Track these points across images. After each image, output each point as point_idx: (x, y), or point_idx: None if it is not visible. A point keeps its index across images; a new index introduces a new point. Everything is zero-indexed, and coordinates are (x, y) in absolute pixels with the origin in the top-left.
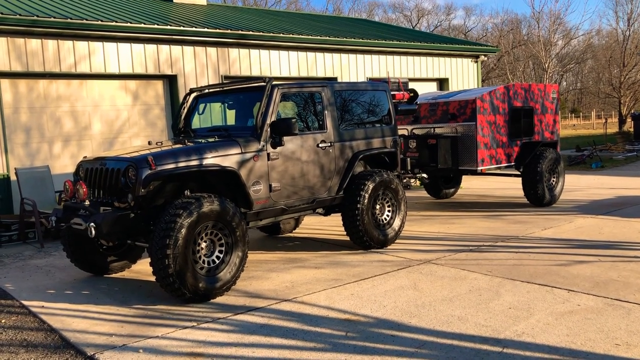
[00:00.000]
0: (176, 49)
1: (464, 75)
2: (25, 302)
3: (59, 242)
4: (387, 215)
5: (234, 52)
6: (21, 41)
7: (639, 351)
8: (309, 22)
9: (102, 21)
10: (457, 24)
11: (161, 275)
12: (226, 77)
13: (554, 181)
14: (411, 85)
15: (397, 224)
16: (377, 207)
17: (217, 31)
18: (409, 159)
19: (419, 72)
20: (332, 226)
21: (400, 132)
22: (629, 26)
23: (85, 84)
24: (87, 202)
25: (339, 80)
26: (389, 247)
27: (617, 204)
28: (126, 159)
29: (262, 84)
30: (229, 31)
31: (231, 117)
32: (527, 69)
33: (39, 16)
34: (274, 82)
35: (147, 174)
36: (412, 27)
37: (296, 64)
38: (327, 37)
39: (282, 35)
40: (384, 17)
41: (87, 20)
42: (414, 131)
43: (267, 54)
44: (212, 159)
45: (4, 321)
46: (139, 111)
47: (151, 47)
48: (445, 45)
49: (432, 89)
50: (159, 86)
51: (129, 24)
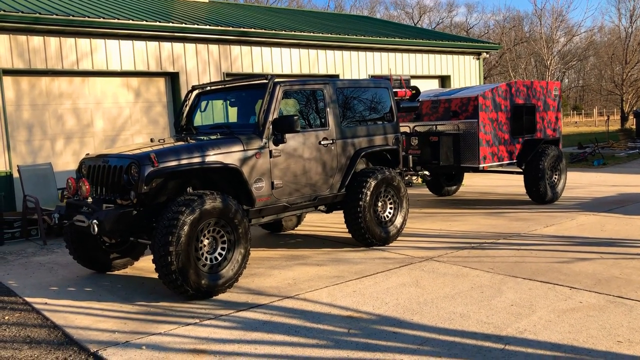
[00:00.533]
0: (178, 46)
1: (465, 72)
2: (28, 299)
3: (61, 239)
4: (389, 212)
5: (236, 49)
6: (23, 38)
7: None
8: (311, 19)
9: (104, 18)
10: (459, 21)
11: (164, 272)
12: (228, 75)
13: (555, 178)
14: (413, 82)
15: (399, 221)
16: (379, 204)
17: (219, 28)
18: (410, 156)
19: (421, 69)
20: (334, 223)
21: (402, 129)
22: (631, 23)
23: (87, 81)
24: (89, 200)
25: (341, 77)
26: (390, 245)
27: (619, 202)
28: (129, 156)
29: (264, 81)
30: (231, 28)
31: (233, 114)
32: (529, 66)
33: (41, 13)
34: (276, 80)
35: (149, 171)
36: (413, 24)
37: (298, 62)
38: (329, 35)
39: (283, 32)
40: (385, 14)
41: (89, 17)
42: (416, 128)
43: (269, 51)
44: (214, 156)
45: (7, 318)
46: (141, 108)
47: (153, 45)
48: (447, 42)
49: (434, 86)
50: (161, 83)
51: (131, 22)
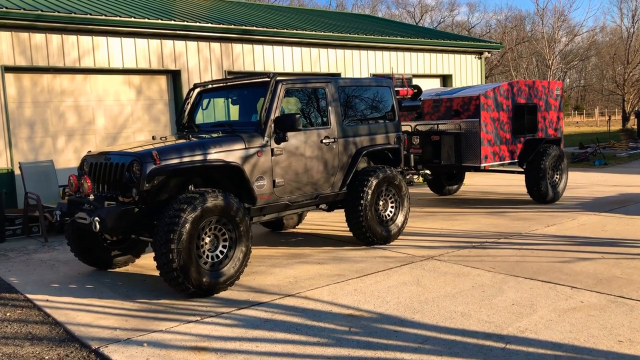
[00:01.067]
0: (180, 44)
1: (467, 71)
2: (29, 296)
3: (63, 236)
4: (390, 211)
5: (238, 47)
6: (25, 35)
7: None
8: (313, 17)
9: (106, 16)
10: (460, 20)
11: (165, 269)
12: (230, 73)
13: (557, 178)
14: (415, 81)
15: (400, 220)
16: (381, 203)
17: (221, 26)
18: (412, 155)
19: (423, 68)
20: (335, 222)
21: (403, 128)
22: (633, 23)
23: (89, 78)
24: (91, 197)
25: (343, 76)
26: (392, 243)
27: (621, 202)
28: (130, 153)
29: (266, 79)
30: (233, 26)
31: (235, 112)
32: (530, 66)
33: (43, 10)
34: (278, 78)
35: (151, 168)
36: (415, 24)
37: (300, 60)
38: (331, 33)
39: (285, 30)
40: (387, 13)
41: (91, 15)
42: (417, 127)
43: (270, 50)
44: (216, 154)
45: (9, 314)
46: (142, 106)
47: (155, 42)
48: (448, 41)
49: (435, 85)
50: (162, 81)
51: (133, 19)
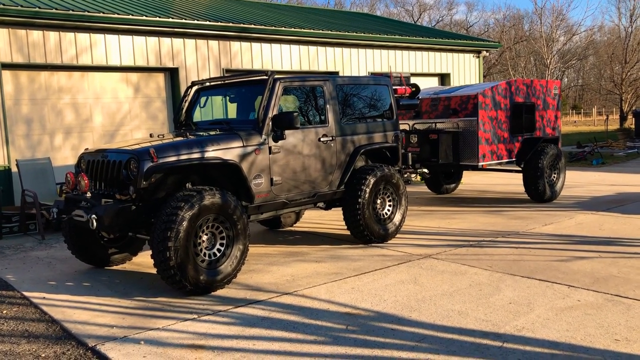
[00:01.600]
0: (178, 42)
1: (465, 70)
2: (26, 293)
3: (59, 234)
4: (388, 209)
5: (236, 45)
6: (23, 32)
7: (638, 347)
8: (311, 15)
9: (103, 13)
10: (458, 19)
11: (162, 267)
12: (228, 71)
13: (554, 177)
14: (413, 80)
15: (397, 218)
16: (378, 201)
17: (219, 24)
18: (410, 154)
19: (421, 67)
20: (333, 220)
21: (401, 126)
22: (631, 22)
23: (86, 75)
24: (88, 194)
25: (341, 74)
26: (389, 242)
27: (618, 201)
28: (128, 151)
29: (264, 77)
30: (231, 24)
31: (233, 110)
32: (528, 65)
33: (40, 7)
34: (276, 76)
35: (148, 166)
36: (413, 22)
37: (298, 58)
38: (329, 31)
39: (284, 29)
40: (385, 11)
41: (88, 12)
42: (415, 126)
43: (268, 48)
44: (213, 152)
45: (5, 312)
46: (140, 104)
47: (153, 40)
48: (447, 40)
49: (433, 84)
50: (160, 79)
51: (131, 16)
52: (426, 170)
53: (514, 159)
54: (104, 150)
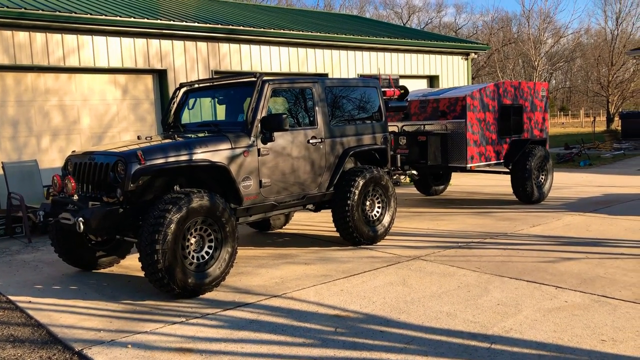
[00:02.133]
0: (166, 44)
1: (454, 72)
2: (12, 298)
3: (46, 237)
4: (377, 211)
5: (225, 47)
6: (8, 33)
7: (624, 347)
8: (300, 17)
9: (91, 14)
10: (447, 21)
11: (150, 270)
12: (216, 72)
13: (542, 179)
14: (402, 82)
15: (386, 220)
16: (367, 203)
17: (208, 26)
18: (399, 156)
19: (410, 69)
20: (322, 222)
21: (390, 128)
22: (617, 25)
23: (74, 77)
24: (75, 197)
25: (330, 76)
26: (378, 243)
27: (605, 202)
28: (115, 153)
29: (253, 79)
30: (220, 26)
31: (221, 112)
32: (517, 67)
33: (26, 8)
34: (265, 78)
35: (136, 168)
36: (403, 24)
37: (287, 60)
38: (318, 33)
39: (273, 30)
40: (374, 13)
41: (76, 13)
42: (404, 128)
43: (257, 50)
44: (202, 154)
45: None
46: (128, 105)
47: (141, 41)
48: (435, 42)
49: (422, 86)
50: (148, 80)
51: (119, 18)
52: (415, 171)
53: (502, 161)
54: (91, 152)
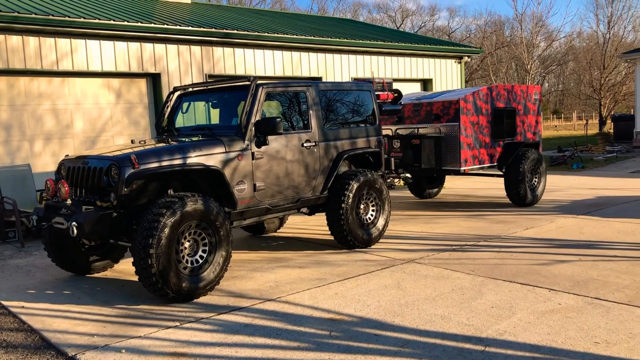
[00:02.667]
0: (160, 47)
1: (447, 75)
2: (4, 303)
3: (40, 241)
4: (371, 214)
5: (219, 50)
6: (1, 37)
7: (617, 349)
8: (294, 21)
9: (84, 18)
10: (441, 25)
11: (144, 274)
12: (210, 76)
13: (535, 181)
14: (395, 85)
15: (381, 223)
16: (362, 206)
17: (202, 30)
18: (393, 159)
19: (403, 72)
20: (316, 226)
21: (384, 132)
22: (609, 29)
23: (67, 81)
24: (68, 201)
25: (324, 80)
26: (372, 247)
27: (598, 204)
28: (109, 157)
29: (247, 83)
30: (214, 30)
31: (215, 116)
32: (510, 70)
33: (19, 12)
34: (259, 82)
35: (129, 172)
36: (396, 28)
37: (281, 64)
38: (312, 37)
39: (267, 34)
40: (368, 17)
41: (69, 17)
42: (398, 131)
43: (251, 53)
44: (196, 158)
45: None
46: (122, 109)
47: (135, 45)
48: (429, 46)
49: (416, 89)
50: (142, 84)
51: (112, 22)
52: (409, 175)
53: (495, 164)
54: (85, 156)
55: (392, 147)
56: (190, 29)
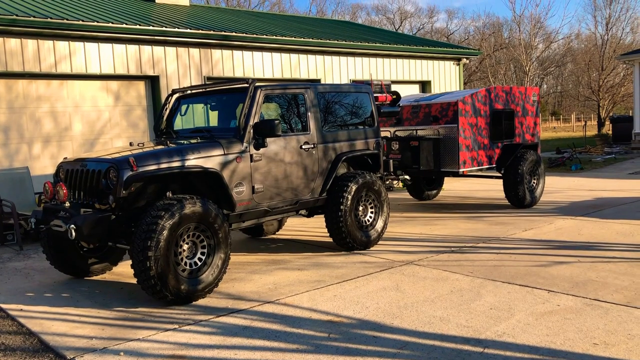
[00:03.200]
0: (158, 50)
1: (446, 77)
2: (3, 306)
3: (38, 244)
4: (370, 216)
5: (217, 53)
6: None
7: (616, 350)
8: (293, 23)
9: (83, 21)
10: (439, 26)
11: (142, 277)
12: (209, 78)
13: (534, 183)
14: (394, 87)
15: (379, 225)
16: (360, 208)
17: (200, 32)
18: (391, 161)
19: (402, 74)
20: (315, 228)
21: (382, 134)
22: (607, 30)
23: (65, 84)
24: (67, 204)
25: (322, 82)
26: (371, 249)
27: (596, 206)
28: (107, 160)
29: (245, 85)
30: (212, 32)
31: (214, 118)
32: (508, 72)
33: (18, 15)
34: (257, 84)
35: (128, 175)
36: (395, 30)
37: (279, 66)
38: (311, 39)
39: (265, 36)
40: (367, 19)
41: (67, 20)
42: (396, 133)
43: (250, 56)
44: (194, 160)
45: None
46: (120, 112)
47: (133, 48)
48: (427, 48)
49: (414, 91)
50: (141, 87)
51: (111, 24)
52: (407, 176)
53: (494, 165)
54: (83, 159)
55: (390, 148)
56: (188, 31)
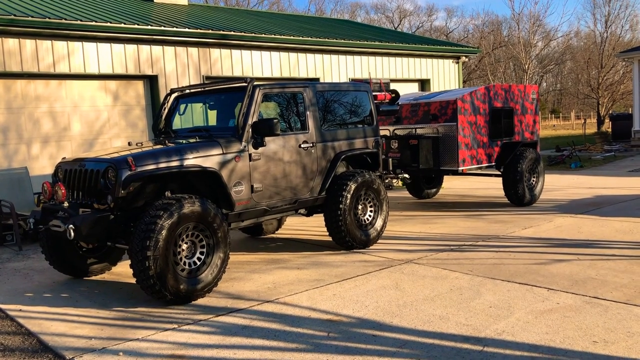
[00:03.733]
0: (157, 49)
1: (445, 76)
2: (2, 306)
3: (37, 244)
4: (369, 215)
5: (216, 52)
6: None
7: (616, 348)
8: (291, 22)
9: (81, 21)
10: (438, 25)
11: (142, 277)
12: (207, 78)
13: (534, 181)
14: (393, 86)
15: (379, 224)
16: (360, 207)
17: (199, 31)
18: (390, 160)
19: (401, 72)
20: (314, 227)
21: (382, 132)
22: (606, 28)
23: (64, 84)
24: (66, 204)
25: (321, 81)
26: (371, 247)
27: (596, 204)
28: (106, 159)
29: (244, 84)
30: (211, 31)
31: (212, 117)
32: (507, 70)
33: (16, 15)
34: (256, 83)
35: (127, 175)
36: (394, 28)
37: (278, 65)
38: (309, 38)
39: (264, 35)
40: (366, 18)
41: (66, 19)
42: (395, 132)
43: (249, 55)
44: (193, 160)
45: None
46: (119, 112)
47: (131, 47)
48: (426, 46)
49: (413, 89)
50: (139, 86)
51: (109, 24)
52: (407, 175)
53: (493, 164)
54: (82, 159)
55: (389, 147)
56: (187, 30)
